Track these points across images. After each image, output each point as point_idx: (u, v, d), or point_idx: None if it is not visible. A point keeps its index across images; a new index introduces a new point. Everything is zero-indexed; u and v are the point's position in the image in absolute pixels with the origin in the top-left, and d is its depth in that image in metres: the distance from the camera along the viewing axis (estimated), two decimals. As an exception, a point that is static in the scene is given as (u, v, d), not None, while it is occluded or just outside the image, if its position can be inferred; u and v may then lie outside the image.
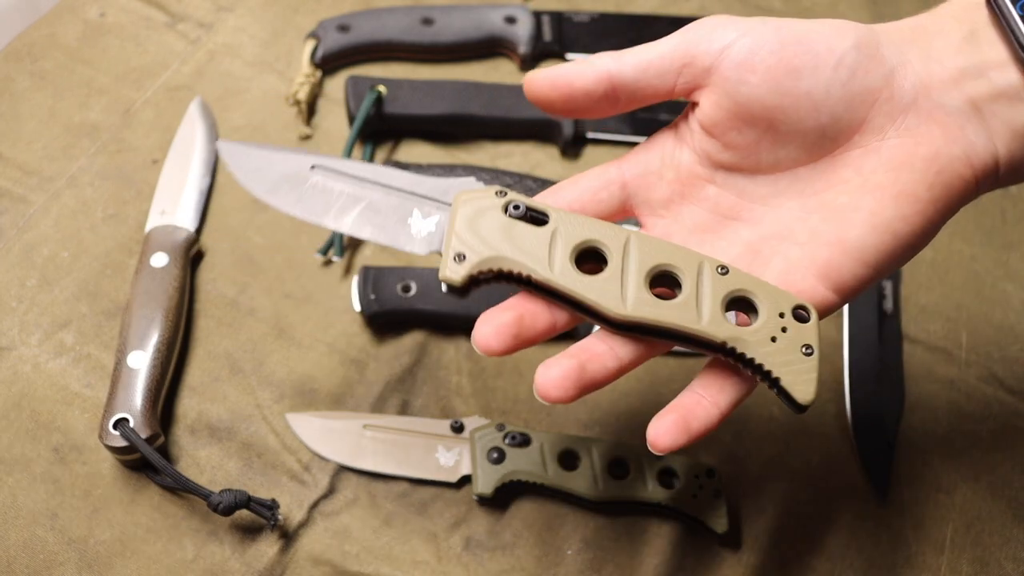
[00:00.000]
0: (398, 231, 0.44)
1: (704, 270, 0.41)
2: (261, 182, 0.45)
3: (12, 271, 0.64)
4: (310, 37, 0.77)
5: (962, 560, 0.59)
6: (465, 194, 0.43)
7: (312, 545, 0.56)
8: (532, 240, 0.41)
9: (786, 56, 0.40)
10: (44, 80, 0.73)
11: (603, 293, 0.40)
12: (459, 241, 0.42)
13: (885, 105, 0.40)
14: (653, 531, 0.58)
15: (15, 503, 0.55)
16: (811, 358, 0.40)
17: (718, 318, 0.40)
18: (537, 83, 0.43)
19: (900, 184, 0.40)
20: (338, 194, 0.45)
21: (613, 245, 0.41)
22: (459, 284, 0.41)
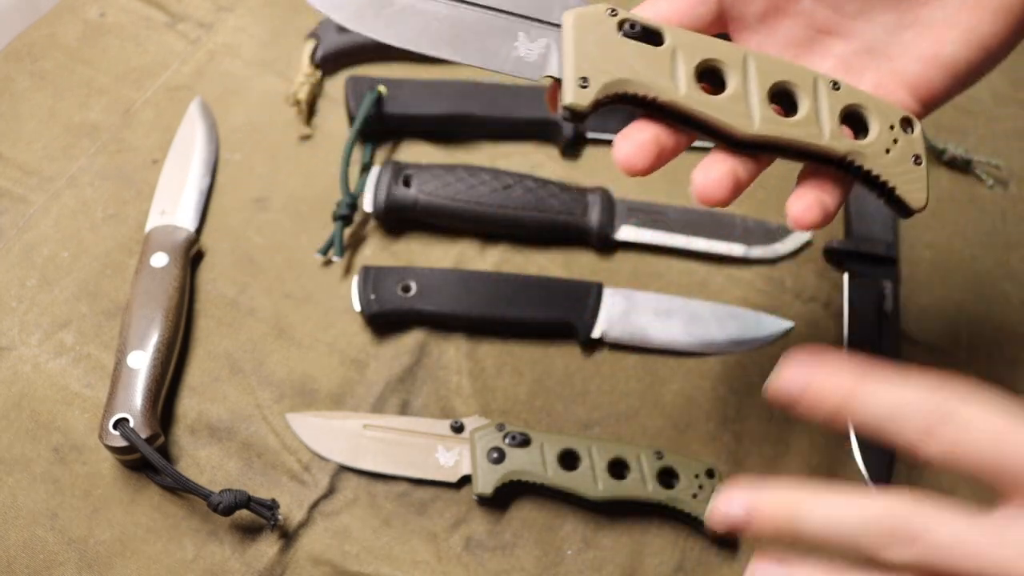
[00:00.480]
0: (505, 55, 0.41)
1: (819, 85, 0.42)
2: (342, 6, 0.41)
3: (12, 271, 0.64)
4: (310, 37, 0.77)
5: (962, 560, 0.58)
6: (575, 13, 0.41)
7: (312, 545, 0.56)
8: (652, 60, 0.40)
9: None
10: (44, 80, 0.73)
11: (730, 112, 0.41)
12: (580, 64, 0.40)
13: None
14: (653, 531, 0.58)
15: (15, 503, 0.55)
16: (921, 167, 0.42)
17: (837, 132, 0.41)
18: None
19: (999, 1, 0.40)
20: (432, 15, 0.41)
21: (732, 62, 0.41)
22: (586, 109, 0.40)
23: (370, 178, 0.67)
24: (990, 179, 0.75)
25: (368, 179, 0.67)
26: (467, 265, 0.67)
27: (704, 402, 0.63)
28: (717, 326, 0.65)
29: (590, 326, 0.64)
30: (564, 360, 0.64)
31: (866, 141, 0.42)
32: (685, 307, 0.65)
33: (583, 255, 0.69)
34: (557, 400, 0.63)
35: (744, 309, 0.66)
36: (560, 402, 0.62)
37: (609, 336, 0.64)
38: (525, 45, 0.41)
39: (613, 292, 0.65)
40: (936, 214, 0.73)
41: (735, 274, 0.69)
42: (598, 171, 0.73)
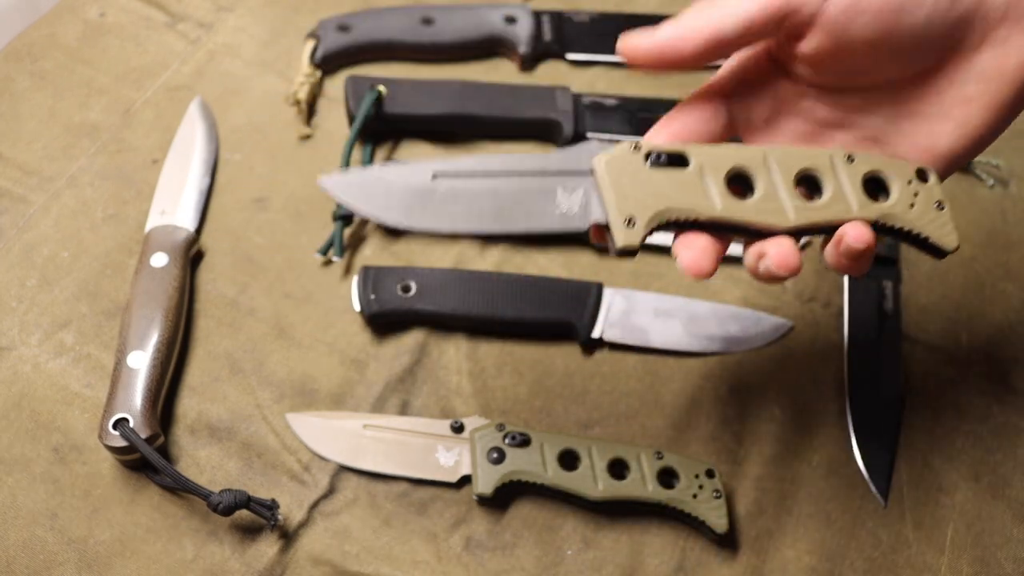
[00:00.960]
0: (551, 212, 0.43)
1: (836, 163, 0.45)
2: (391, 208, 0.42)
3: (12, 271, 0.64)
4: (310, 37, 0.77)
5: (962, 560, 0.58)
6: (603, 157, 0.43)
7: (312, 545, 0.56)
8: (685, 183, 0.43)
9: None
10: (44, 80, 0.73)
11: (766, 212, 0.44)
12: (623, 206, 0.42)
13: (979, 23, 0.42)
14: (653, 531, 0.58)
15: (15, 503, 0.55)
16: (944, 211, 0.45)
17: (865, 202, 0.44)
18: (640, 53, 0.43)
19: (990, 95, 0.43)
20: (474, 195, 0.43)
21: (755, 164, 0.44)
22: (638, 246, 0.43)
23: (370, 178, 0.67)
24: (990, 179, 0.75)
25: (368, 179, 0.67)
26: (467, 265, 0.67)
27: (704, 402, 0.63)
28: (717, 326, 0.65)
29: (590, 326, 0.64)
30: (564, 360, 0.64)
31: (890, 202, 0.44)
32: (685, 307, 0.65)
33: (583, 255, 0.69)
34: (557, 400, 0.63)
35: (744, 309, 0.66)
36: (560, 402, 0.62)
37: (609, 336, 0.64)
38: (565, 200, 0.43)
39: (613, 292, 0.65)
40: (936, 214, 0.73)
41: (735, 274, 0.69)
42: (598, 171, 0.73)
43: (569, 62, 0.80)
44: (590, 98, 0.75)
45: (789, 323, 0.66)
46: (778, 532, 0.59)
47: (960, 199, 0.74)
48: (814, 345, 0.66)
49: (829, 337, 0.66)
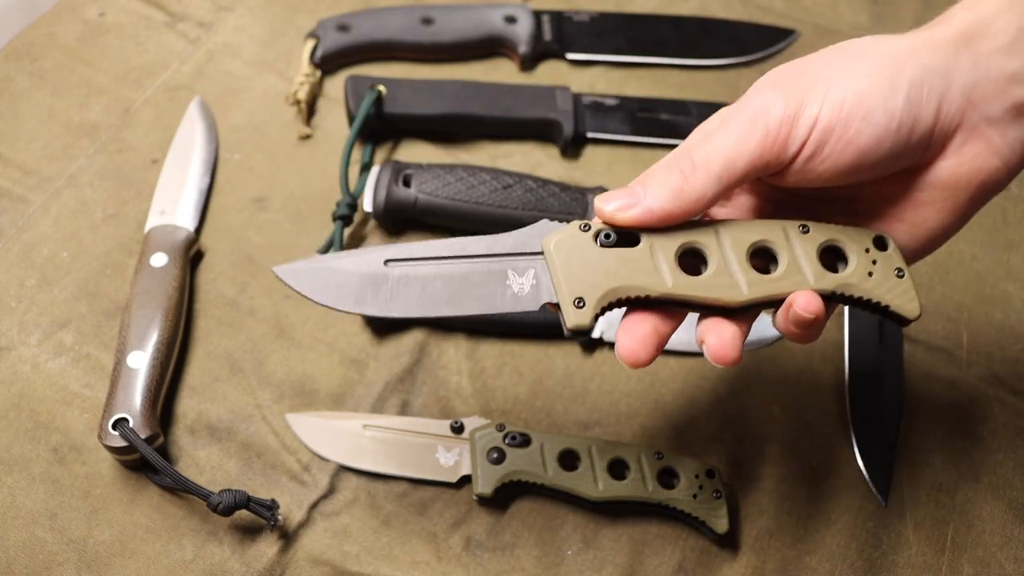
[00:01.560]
0: (502, 295, 0.44)
1: (791, 234, 0.44)
2: (344, 296, 0.43)
3: (12, 271, 0.64)
4: (310, 37, 0.77)
5: (963, 560, 0.58)
6: (553, 238, 0.44)
7: (312, 545, 0.56)
8: (635, 262, 0.43)
9: (852, 139, 0.41)
10: (43, 80, 0.73)
11: (718, 287, 0.43)
12: (572, 287, 0.43)
13: (937, 137, 0.42)
14: (653, 531, 0.58)
15: (14, 503, 0.55)
16: (905, 278, 0.44)
17: (821, 273, 0.44)
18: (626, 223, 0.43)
19: (943, 201, 0.43)
20: (425, 279, 0.44)
21: (706, 240, 0.44)
22: (588, 326, 0.43)
23: (370, 178, 0.67)
24: (990, 179, 0.75)
25: (368, 179, 0.67)
26: (467, 265, 0.67)
27: (704, 402, 0.63)
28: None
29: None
30: (564, 360, 0.64)
31: (848, 271, 0.44)
32: (685, 307, 0.65)
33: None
34: (557, 400, 0.62)
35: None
36: (560, 402, 0.62)
37: (609, 336, 0.64)
38: (516, 282, 0.44)
39: (613, 292, 0.65)
40: (936, 214, 0.73)
41: (735, 274, 0.69)
42: (598, 171, 0.73)
43: (569, 62, 0.80)
44: (590, 98, 0.75)
45: (789, 323, 0.66)
46: (778, 532, 0.59)
47: (960, 199, 0.74)
48: (814, 345, 0.66)
49: (829, 337, 0.66)
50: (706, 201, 0.42)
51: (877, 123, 0.40)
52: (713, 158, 0.42)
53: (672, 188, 0.42)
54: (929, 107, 0.41)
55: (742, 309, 0.44)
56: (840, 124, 0.41)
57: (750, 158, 0.42)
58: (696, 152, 0.42)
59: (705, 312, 0.44)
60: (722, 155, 0.42)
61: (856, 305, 0.44)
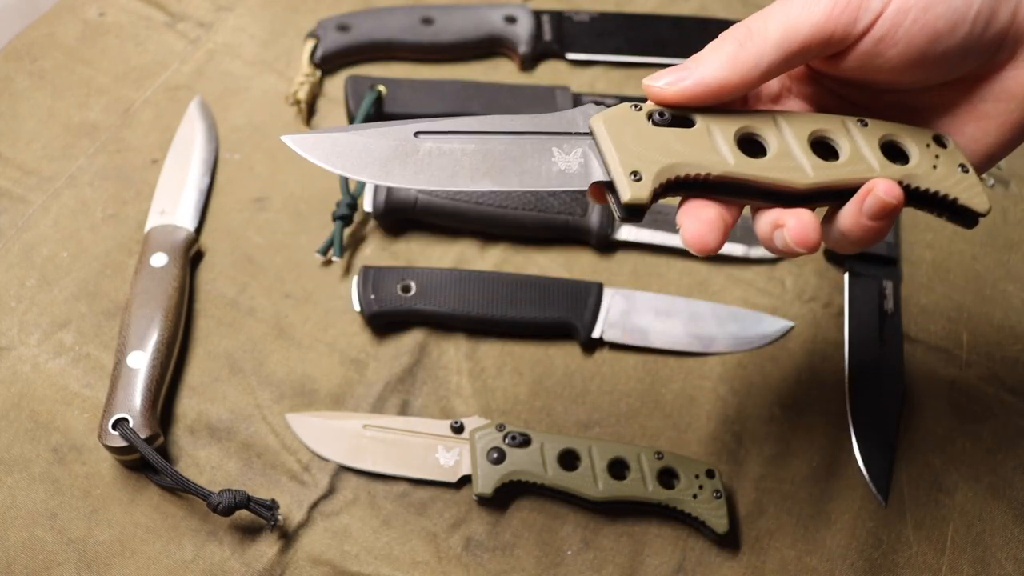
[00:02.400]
0: (547, 172, 0.40)
1: (850, 127, 0.42)
2: (366, 166, 0.40)
3: (12, 271, 0.64)
4: (310, 37, 0.77)
5: (963, 560, 0.58)
6: (602, 116, 0.41)
7: (312, 545, 0.56)
8: (693, 141, 0.40)
9: (929, 21, 0.39)
10: (43, 80, 0.73)
11: (783, 169, 0.41)
12: (627, 160, 0.39)
13: (1010, 41, 0.40)
14: (653, 531, 0.58)
15: (14, 503, 0.55)
16: (970, 174, 0.42)
17: (885, 163, 0.41)
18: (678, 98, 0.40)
19: (1007, 114, 0.41)
20: (460, 153, 0.40)
21: (765, 127, 0.42)
22: (647, 201, 0.39)
23: (370, 178, 0.67)
24: (991, 179, 0.75)
25: (368, 179, 0.67)
26: (467, 265, 0.67)
27: (704, 402, 0.63)
28: (717, 326, 0.65)
29: (590, 326, 0.64)
30: (564, 360, 0.64)
31: (913, 163, 0.42)
32: (685, 307, 0.65)
33: (583, 255, 0.69)
34: (557, 400, 0.62)
35: (744, 309, 0.66)
36: (560, 402, 0.62)
37: (609, 336, 0.64)
38: (563, 159, 0.41)
39: (613, 292, 0.65)
40: (936, 214, 0.73)
41: (735, 274, 0.69)
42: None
43: (569, 62, 0.80)
44: (590, 98, 0.75)
45: (789, 323, 0.66)
46: (778, 532, 0.59)
47: (960, 199, 0.74)
48: (814, 345, 0.66)
49: (829, 337, 0.66)
50: (763, 68, 0.39)
51: (956, 7, 0.38)
52: (772, 24, 0.39)
53: (726, 55, 0.40)
54: (1008, 4, 0.39)
55: (806, 198, 0.41)
56: (919, 4, 0.38)
57: (813, 26, 0.39)
58: (753, 21, 0.40)
59: (768, 200, 0.41)
60: (782, 21, 0.39)
61: (922, 203, 0.42)
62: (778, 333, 0.66)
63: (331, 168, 0.40)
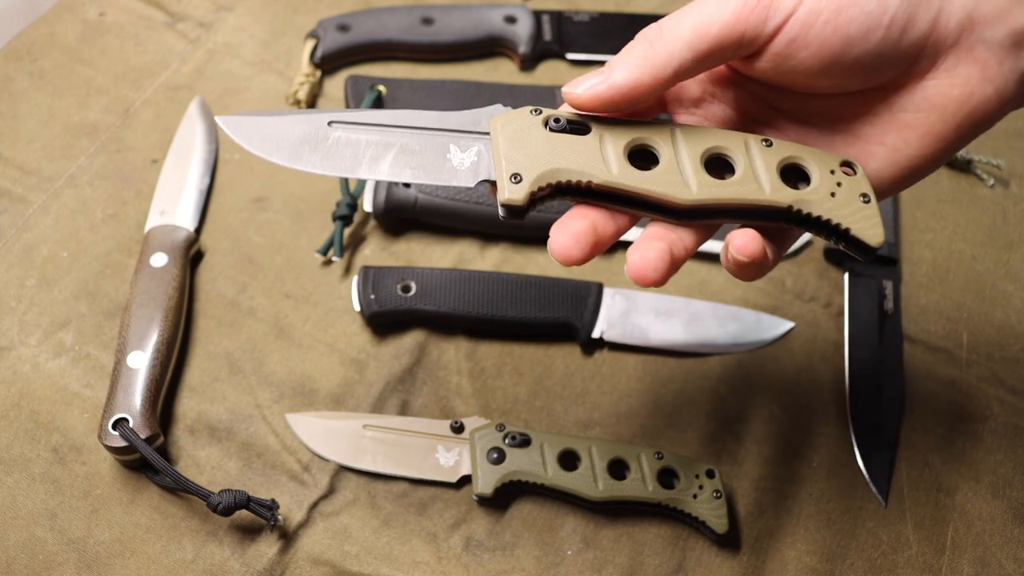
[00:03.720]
0: (439, 167, 0.42)
1: (751, 145, 0.42)
2: (279, 149, 0.42)
3: (12, 271, 0.64)
4: (310, 37, 0.77)
5: (963, 560, 0.58)
6: (501, 118, 0.42)
7: (312, 545, 0.56)
8: (581, 149, 0.41)
9: (841, 24, 0.38)
10: (43, 80, 0.73)
11: (667, 183, 0.41)
12: (510, 162, 0.41)
13: (930, 49, 0.39)
14: (653, 531, 0.58)
15: (14, 503, 0.55)
16: (870, 204, 0.41)
17: (779, 185, 0.41)
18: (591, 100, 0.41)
19: (929, 125, 0.41)
20: (365, 144, 0.43)
21: (660, 139, 0.42)
22: (522, 203, 0.40)
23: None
24: (991, 179, 0.75)
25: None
26: (467, 265, 0.67)
27: (704, 402, 0.63)
28: (717, 326, 0.65)
29: (590, 326, 0.64)
30: (564, 360, 0.64)
31: (809, 188, 0.41)
32: (685, 307, 0.65)
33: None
34: (557, 400, 0.62)
35: (744, 309, 0.66)
36: (560, 402, 0.62)
37: (609, 336, 0.64)
38: (457, 156, 0.42)
39: (613, 292, 0.65)
40: (936, 214, 0.73)
41: (735, 274, 0.68)
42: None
43: (569, 62, 0.80)
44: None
45: (789, 323, 0.66)
46: (778, 532, 0.59)
47: (960, 199, 0.74)
48: (814, 345, 0.66)
49: (829, 337, 0.66)
50: (674, 67, 0.39)
51: (870, 12, 0.38)
52: (683, 23, 0.39)
53: (638, 56, 0.40)
54: (927, 12, 0.38)
55: (692, 214, 0.41)
56: (830, 7, 0.38)
57: (724, 24, 0.39)
58: (667, 21, 0.40)
59: (655, 213, 0.42)
60: (694, 19, 0.39)
61: (814, 228, 0.42)
62: (778, 333, 0.66)
63: (249, 148, 0.42)
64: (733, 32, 0.39)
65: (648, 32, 0.40)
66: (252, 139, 0.43)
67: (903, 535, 0.59)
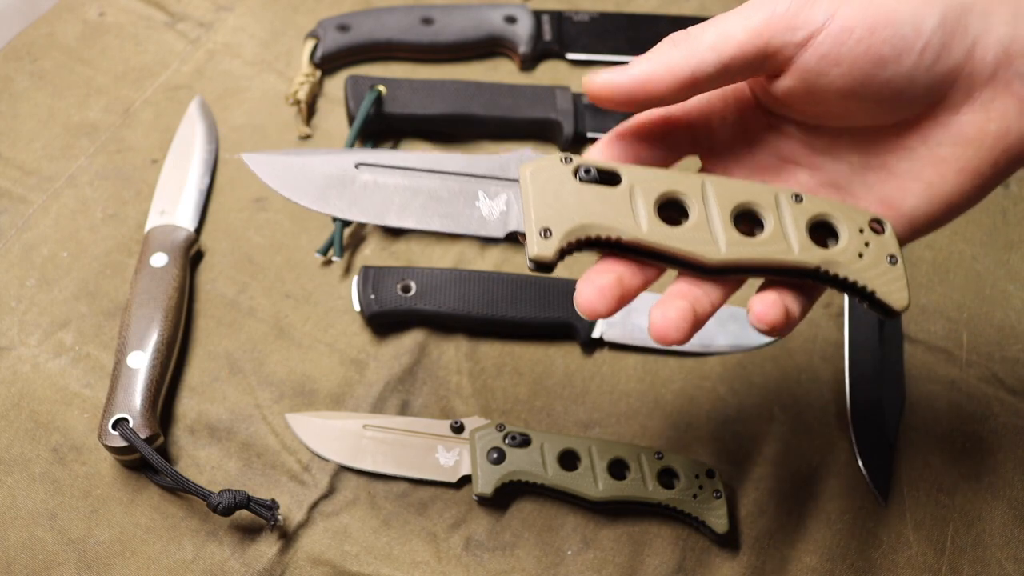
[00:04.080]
0: (468, 216, 0.42)
1: (781, 201, 0.41)
2: (305, 191, 0.42)
3: (12, 271, 0.64)
4: (310, 37, 0.77)
5: (963, 561, 0.58)
6: (530, 166, 0.41)
7: (312, 545, 0.56)
8: (612, 201, 0.41)
9: (874, 44, 0.38)
10: (43, 80, 0.73)
11: (695, 241, 0.40)
12: (541, 215, 0.40)
13: (964, 81, 0.39)
14: (653, 531, 0.58)
15: (14, 503, 0.55)
16: (897, 266, 0.41)
17: (807, 245, 0.41)
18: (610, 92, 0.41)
19: (965, 160, 0.40)
20: (393, 189, 0.42)
21: (691, 192, 0.41)
22: (552, 259, 0.40)
23: (370, 178, 0.67)
24: (990, 179, 0.75)
25: (368, 179, 0.67)
26: (467, 265, 0.67)
27: (704, 402, 0.63)
28: (717, 326, 0.65)
29: (590, 326, 0.64)
30: (564, 360, 0.64)
31: (837, 248, 0.41)
32: (685, 307, 0.65)
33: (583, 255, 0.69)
34: (557, 400, 0.62)
35: (744, 309, 0.66)
36: (560, 402, 0.62)
37: (609, 336, 0.64)
38: (486, 204, 0.42)
39: (613, 292, 0.65)
40: (936, 214, 0.73)
41: (735, 274, 0.68)
42: (598, 171, 0.73)
43: (569, 62, 0.80)
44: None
45: (789, 323, 0.66)
46: (778, 532, 0.59)
47: (960, 199, 0.74)
48: (814, 345, 0.66)
49: (829, 337, 0.66)
50: (693, 66, 0.39)
51: (904, 35, 0.37)
52: (708, 27, 0.39)
53: (659, 53, 0.40)
54: (962, 43, 0.38)
55: (718, 271, 0.41)
56: (863, 24, 0.37)
57: (749, 30, 0.38)
58: (693, 28, 0.40)
59: (683, 268, 0.42)
60: (719, 25, 0.39)
61: (840, 288, 0.42)
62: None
63: (277, 189, 0.42)
64: (759, 39, 0.39)
65: (674, 35, 0.40)
66: (279, 179, 0.42)
67: (903, 535, 0.59)
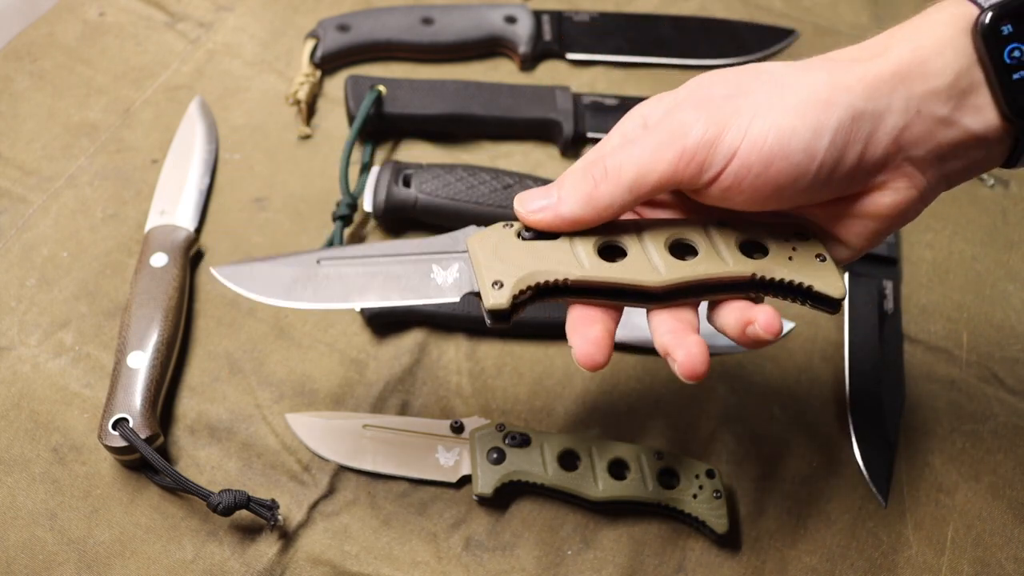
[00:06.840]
0: (425, 287, 0.46)
1: (710, 228, 0.45)
2: (275, 291, 0.46)
3: (12, 271, 0.64)
4: (310, 37, 0.77)
5: (963, 561, 0.58)
6: (476, 236, 0.46)
7: (312, 545, 0.56)
8: (554, 250, 0.44)
9: (771, 177, 0.41)
10: (43, 80, 0.73)
11: (637, 271, 0.44)
12: (490, 271, 0.44)
13: (859, 174, 0.42)
14: (653, 531, 0.58)
15: (14, 503, 0.55)
16: (827, 262, 0.45)
17: (740, 259, 0.44)
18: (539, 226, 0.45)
19: (864, 226, 0.44)
20: (353, 276, 0.46)
21: (625, 235, 0.45)
22: (506, 307, 0.44)
23: (370, 178, 0.67)
24: (991, 179, 0.75)
25: (368, 179, 0.67)
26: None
27: (704, 402, 0.63)
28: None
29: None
30: (564, 360, 0.64)
31: (768, 257, 0.45)
32: (685, 307, 0.65)
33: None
34: (557, 400, 0.62)
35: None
36: (560, 402, 0.62)
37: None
38: (440, 275, 0.46)
39: (613, 292, 0.65)
40: (936, 214, 0.73)
41: (735, 274, 0.68)
42: (598, 171, 0.73)
43: (569, 62, 0.80)
44: (590, 98, 0.75)
45: (789, 323, 0.66)
46: (778, 532, 0.59)
47: (960, 199, 0.74)
48: (814, 345, 0.66)
49: (829, 337, 0.66)
50: (615, 209, 0.43)
51: (798, 163, 0.40)
52: (625, 167, 0.42)
53: (583, 194, 0.43)
54: (854, 150, 0.41)
55: (663, 295, 0.44)
56: (760, 162, 0.40)
57: (661, 175, 0.42)
58: (610, 159, 0.43)
59: (631, 300, 0.45)
60: (634, 166, 0.42)
61: (780, 291, 0.45)
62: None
63: (246, 294, 0.47)
64: (672, 180, 0.42)
65: (594, 170, 0.43)
66: (248, 285, 0.47)
67: (903, 535, 0.59)
